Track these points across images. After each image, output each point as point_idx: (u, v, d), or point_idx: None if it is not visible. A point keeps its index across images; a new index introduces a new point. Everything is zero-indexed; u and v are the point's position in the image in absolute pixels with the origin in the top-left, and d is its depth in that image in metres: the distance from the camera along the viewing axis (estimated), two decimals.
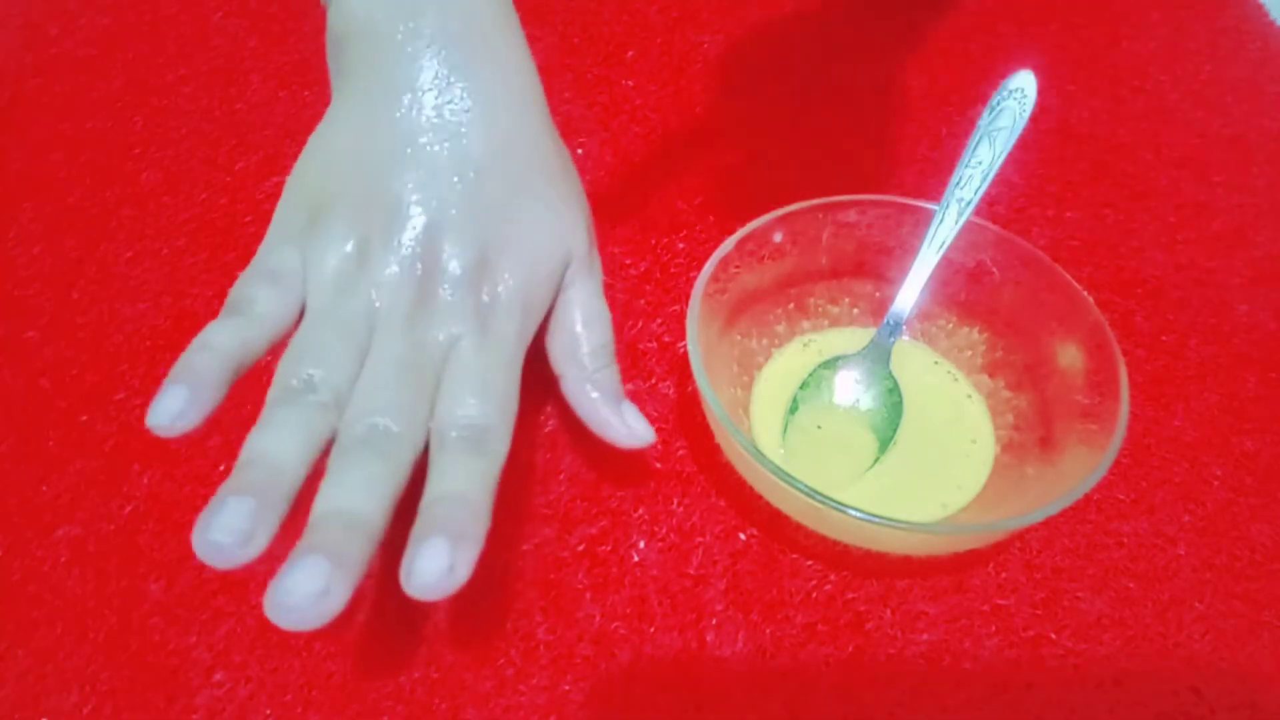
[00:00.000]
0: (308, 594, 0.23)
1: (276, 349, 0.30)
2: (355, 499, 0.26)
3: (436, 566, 0.24)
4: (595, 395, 0.33)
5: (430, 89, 0.32)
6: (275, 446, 0.26)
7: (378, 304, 0.30)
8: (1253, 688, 0.33)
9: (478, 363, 0.30)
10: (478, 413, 0.29)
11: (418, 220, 0.31)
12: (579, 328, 0.33)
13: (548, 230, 0.33)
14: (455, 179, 0.32)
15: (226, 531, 0.24)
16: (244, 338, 0.28)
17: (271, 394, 0.28)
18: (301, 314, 0.31)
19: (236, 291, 0.30)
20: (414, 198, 0.31)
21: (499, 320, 0.31)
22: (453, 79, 0.32)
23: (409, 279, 0.30)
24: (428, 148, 0.32)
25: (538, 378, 0.33)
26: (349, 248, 0.31)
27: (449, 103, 0.32)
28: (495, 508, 0.30)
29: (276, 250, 0.31)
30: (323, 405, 0.28)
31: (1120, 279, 0.45)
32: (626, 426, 0.32)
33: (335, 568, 0.24)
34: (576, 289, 0.34)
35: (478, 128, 0.32)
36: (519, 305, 0.32)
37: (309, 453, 0.27)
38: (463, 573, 0.25)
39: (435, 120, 0.32)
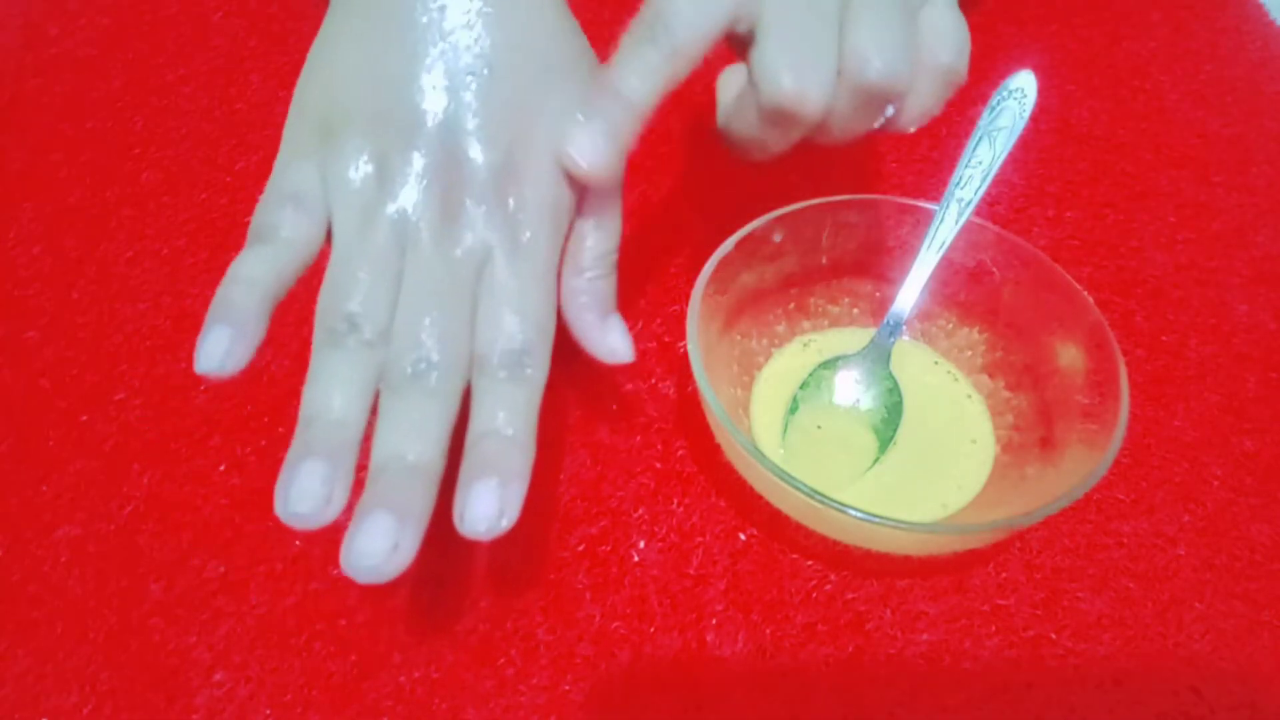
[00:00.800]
0: (379, 552, 0.24)
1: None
2: (411, 443, 0.26)
3: (488, 511, 0.25)
4: (584, 300, 0.32)
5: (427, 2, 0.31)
6: (332, 398, 0.27)
7: (404, 222, 0.29)
8: (1253, 688, 0.33)
9: (512, 281, 0.29)
10: (516, 337, 0.28)
11: (434, 129, 0.30)
12: (584, 229, 0.32)
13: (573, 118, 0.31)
14: (470, 80, 0.30)
15: (306, 500, 0.25)
16: (275, 267, 0.28)
17: (316, 338, 0.28)
18: (328, 235, 0.30)
19: (259, 218, 0.29)
20: (428, 106, 0.30)
21: (529, 228, 0.30)
22: None
23: (432, 193, 0.29)
24: (438, 51, 0.30)
25: None
26: (368, 167, 0.29)
27: (456, 2, 0.31)
28: None
29: (293, 171, 0.30)
30: (368, 344, 0.28)
31: (1120, 279, 0.45)
32: (606, 341, 0.31)
33: (400, 523, 0.25)
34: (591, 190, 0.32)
35: (489, 25, 0.31)
36: (548, 209, 0.30)
37: (364, 398, 0.27)
38: (514, 513, 0.26)
39: (443, 21, 0.31)
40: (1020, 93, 0.37)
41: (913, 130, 0.31)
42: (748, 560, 0.35)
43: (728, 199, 0.48)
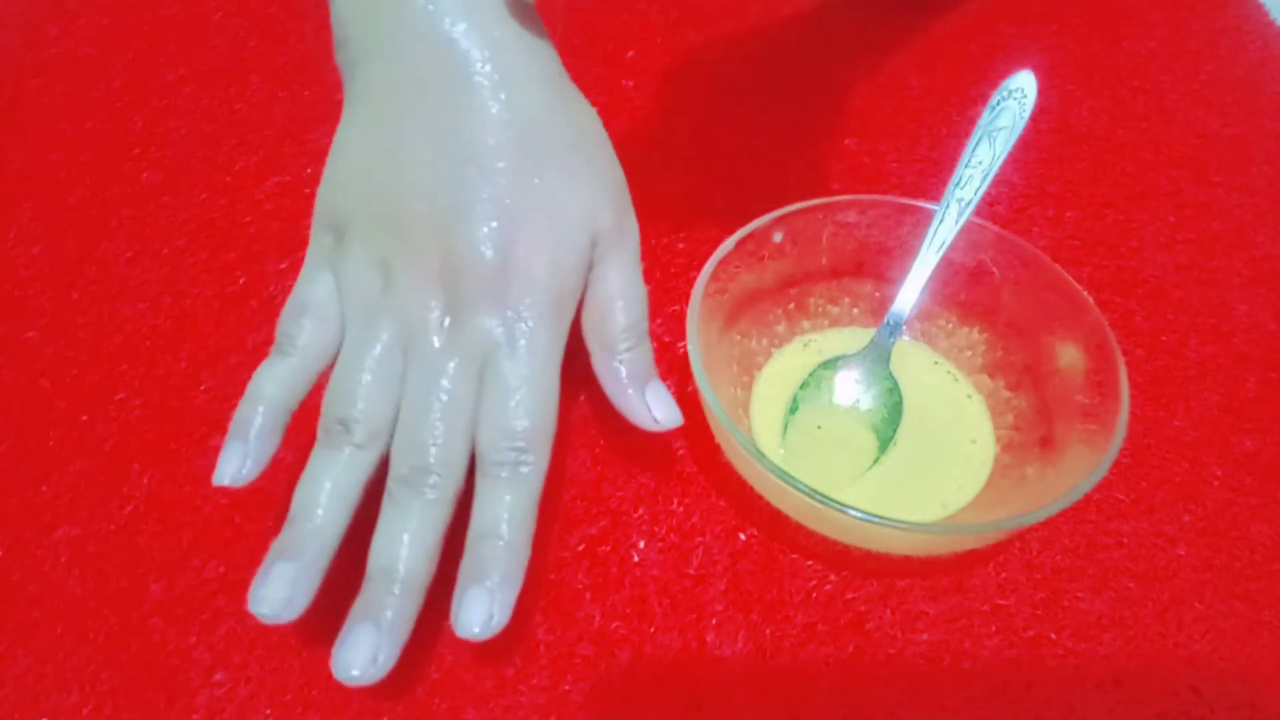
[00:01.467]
0: (360, 663, 0.27)
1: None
2: (401, 555, 0.28)
3: (480, 615, 0.28)
4: (622, 376, 0.32)
5: (425, 92, 0.31)
6: (316, 499, 0.29)
7: (407, 326, 0.30)
8: (1253, 688, 0.33)
9: (513, 380, 0.30)
10: (516, 438, 0.29)
11: (431, 232, 0.30)
12: (608, 305, 0.32)
13: (568, 210, 0.32)
14: (464, 180, 0.30)
15: (268, 603, 0.28)
16: (290, 381, 0.31)
17: (318, 438, 0.30)
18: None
19: (281, 326, 0.32)
20: (424, 209, 0.30)
21: (530, 323, 0.30)
22: (448, 76, 0.31)
23: (432, 296, 0.30)
24: (433, 152, 0.31)
25: None
26: (372, 273, 0.31)
27: (444, 103, 0.31)
28: None
29: (311, 279, 0.32)
30: (359, 446, 0.29)
31: (1120, 279, 0.45)
32: (648, 411, 0.32)
33: (382, 635, 0.28)
34: (607, 264, 0.33)
35: (479, 123, 0.31)
36: (549, 301, 0.31)
37: (348, 500, 0.29)
38: (503, 615, 0.28)
39: (435, 123, 0.31)
40: (1020, 93, 0.37)
41: None
42: (748, 560, 0.35)
43: (728, 199, 0.48)
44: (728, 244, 0.37)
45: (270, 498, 0.36)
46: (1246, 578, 0.35)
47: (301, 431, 0.31)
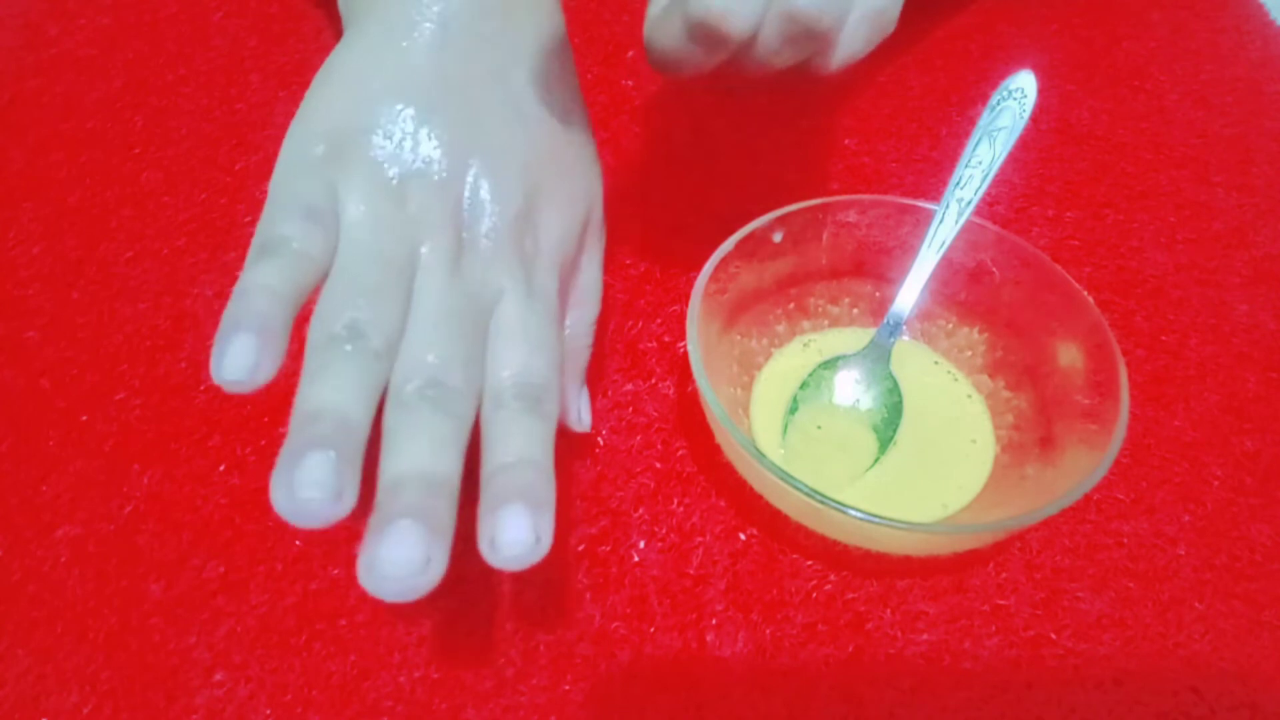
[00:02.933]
0: (410, 562, 0.22)
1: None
2: (429, 459, 0.25)
3: (523, 536, 0.24)
4: (569, 369, 0.32)
5: (464, 24, 0.30)
6: (337, 397, 0.25)
7: (420, 247, 0.28)
8: (1253, 688, 0.33)
9: (527, 319, 0.29)
10: (532, 372, 0.28)
11: (462, 162, 0.29)
12: (572, 296, 0.33)
13: (581, 184, 0.32)
14: (500, 128, 0.30)
15: (316, 487, 0.22)
16: (292, 277, 0.26)
17: (314, 338, 0.26)
18: None
19: (267, 230, 0.27)
20: (456, 140, 0.29)
21: (541, 274, 0.30)
22: (485, 18, 0.30)
23: (452, 224, 0.29)
24: (470, 86, 0.30)
25: None
26: (388, 184, 0.28)
27: (485, 40, 0.30)
28: None
29: (301, 183, 0.28)
30: (375, 353, 0.26)
31: (1120, 279, 0.45)
32: (575, 409, 0.32)
33: (431, 533, 0.23)
34: (585, 254, 0.33)
35: (520, 70, 0.31)
36: (558, 259, 0.31)
37: (371, 404, 0.25)
38: (547, 540, 0.24)
39: (475, 55, 0.30)
40: (1020, 93, 0.37)
41: (833, 71, 0.30)
42: (748, 560, 0.35)
43: (728, 199, 0.48)
44: (728, 244, 0.37)
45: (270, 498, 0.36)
46: (1246, 578, 0.35)
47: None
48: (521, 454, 0.26)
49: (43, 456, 0.37)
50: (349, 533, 0.35)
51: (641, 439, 0.38)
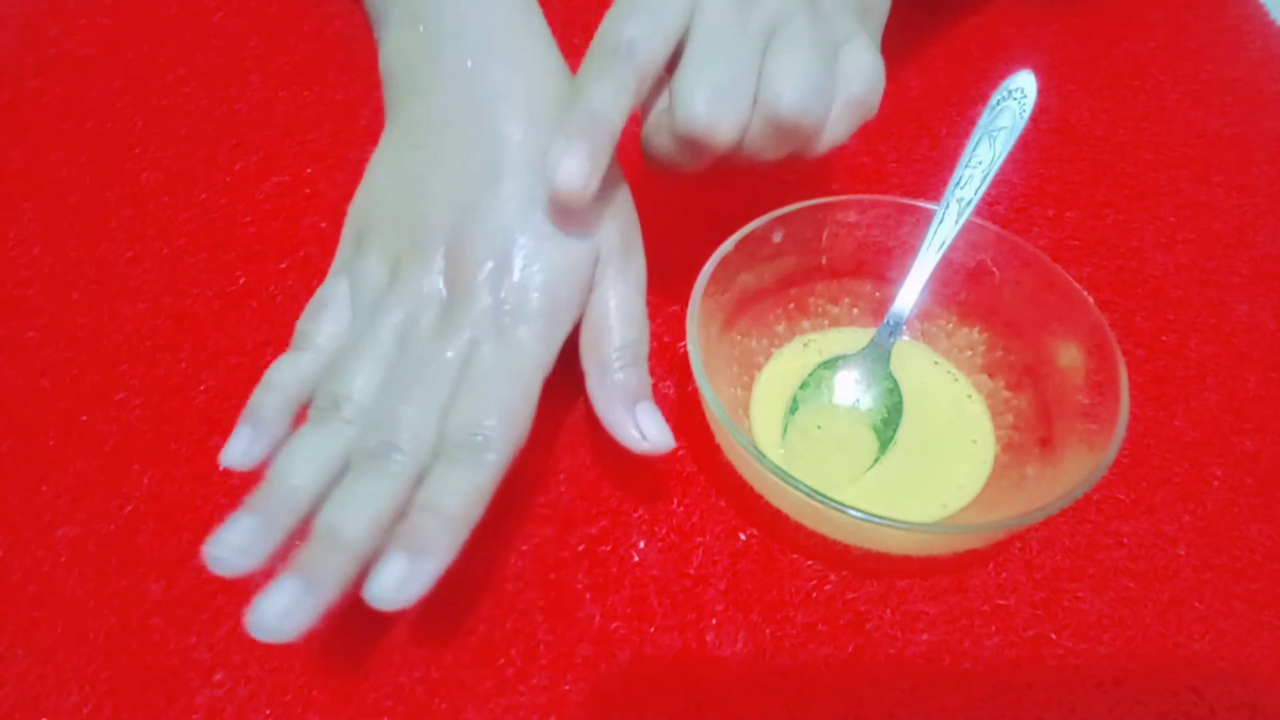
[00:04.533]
0: (274, 612, 0.26)
1: None
2: (346, 518, 0.28)
3: (391, 581, 0.27)
4: (611, 393, 0.33)
5: (455, 121, 0.34)
6: (292, 467, 0.29)
7: (407, 319, 0.32)
8: (1253, 688, 0.33)
9: (489, 371, 0.31)
10: (476, 424, 0.30)
11: (441, 234, 0.32)
12: (604, 324, 0.33)
13: (573, 229, 0.33)
14: (480, 195, 0.32)
15: (223, 547, 0.27)
16: (301, 372, 0.32)
17: (308, 416, 0.31)
18: None
19: (299, 326, 0.33)
20: (438, 213, 0.32)
21: (518, 324, 0.31)
22: (473, 100, 0.34)
23: (434, 291, 0.32)
24: (457, 170, 0.33)
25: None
26: (384, 269, 0.33)
27: (471, 129, 0.34)
28: (495, 507, 0.30)
29: (331, 283, 0.34)
30: (345, 422, 0.30)
31: (1120, 279, 0.45)
32: (639, 430, 0.32)
33: (306, 589, 0.27)
34: (607, 285, 0.34)
35: (500, 147, 0.33)
36: (543, 308, 0.32)
37: (326, 471, 0.29)
38: (417, 589, 0.27)
39: (462, 147, 0.33)
40: (1020, 93, 0.37)
41: (817, 156, 0.33)
42: (748, 560, 0.35)
43: (728, 199, 0.48)
44: (728, 244, 0.37)
45: None
46: (1246, 578, 0.35)
47: (305, 421, 0.31)
48: (438, 501, 0.29)
49: (43, 456, 0.37)
50: None
51: None
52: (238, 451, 0.30)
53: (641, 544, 0.35)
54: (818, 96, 0.30)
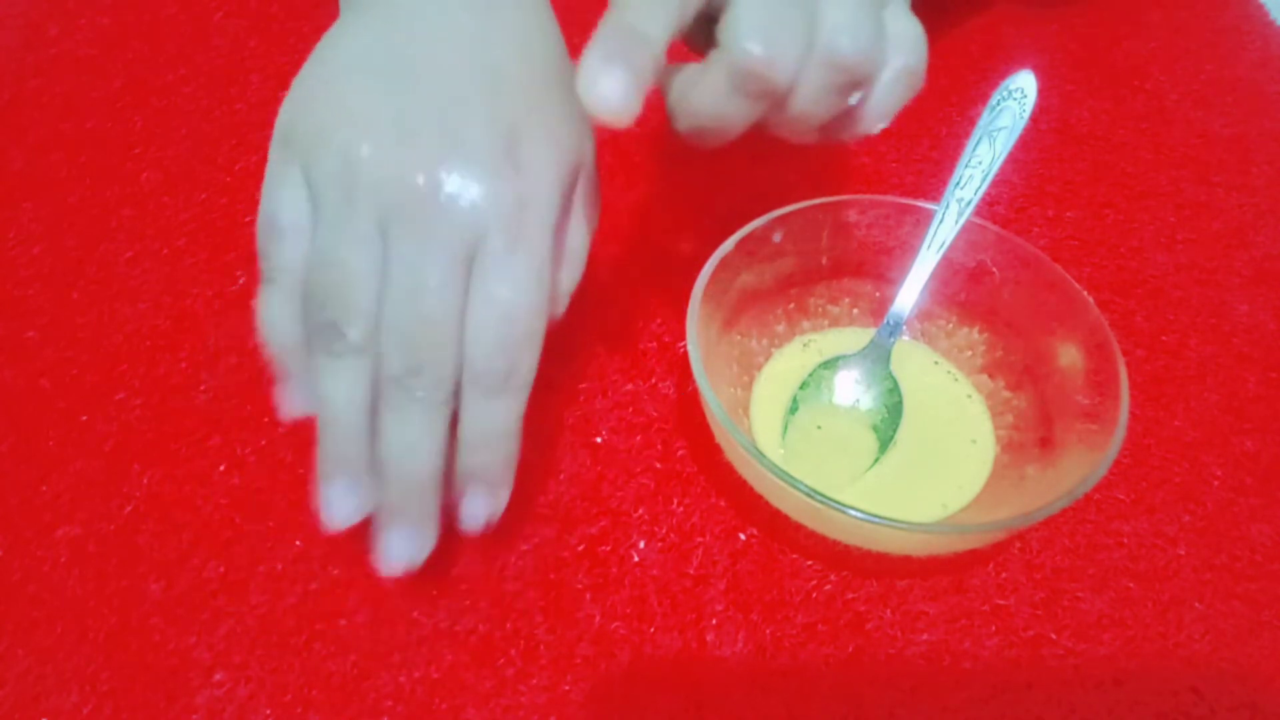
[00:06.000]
0: (406, 556, 0.29)
1: None
2: (410, 458, 0.29)
3: (480, 513, 0.30)
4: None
5: (436, 10, 0.31)
6: (339, 408, 0.28)
7: (387, 204, 0.27)
8: (1253, 688, 0.33)
9: (505, 284, 0.28)
10: (504, 350, 0.28)
11: (435, 113, 0.28)
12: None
13: (568, 139, 0.30)
14: (477, 79, 0.30)
15: (342, 514, 0.29)
16: (292, 304, 0.29)
17: (309, 336, 0.29)
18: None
19: (259, 247, 0.30)
20: (432, 97, 0.29)
21: (527, 216, 0.28)
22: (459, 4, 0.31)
23: (421, 166, 0.27)
24: (446, 51, 0.30)
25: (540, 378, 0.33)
26: (351, 154, 0.27)
27: (455, 19, 0.31)
28: None
29: (278, 179, 0.29)
30: (357, 348, 0.28)
31: (1120, 279, 0.45)
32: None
33: (416, 533, 0.29)
34: (572, 214, 0.31)
35: (498, 35, 0.31)
36: (548, 204, 0.29)
37: (364, 407, 0.29)
38: (499, 511, 0.30)
39: (443, 31, 0.30)
40: (1020, 93, 0.37)
41: (874, 130, 0.31)
42: (748, 560, 0.35)
43: (728, 199, 0.48)
44: (728, 244, 0.37)
45: (270, 498, 0.36)
46: (1246, 578, 0.35)
47: (305, 419, 0.31)
48: (487, 436, 0.29)
49: (43, 456, 0.37)
50: (349, 533, 0.35)
51: (641, 439, 0.38)
52: (300, 407, 0.30)
53: (641, 544, 0.35)
54: (875, 45, 0.28)
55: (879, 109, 0.30)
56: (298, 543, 0.35)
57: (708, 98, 0.29)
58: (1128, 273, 0.46)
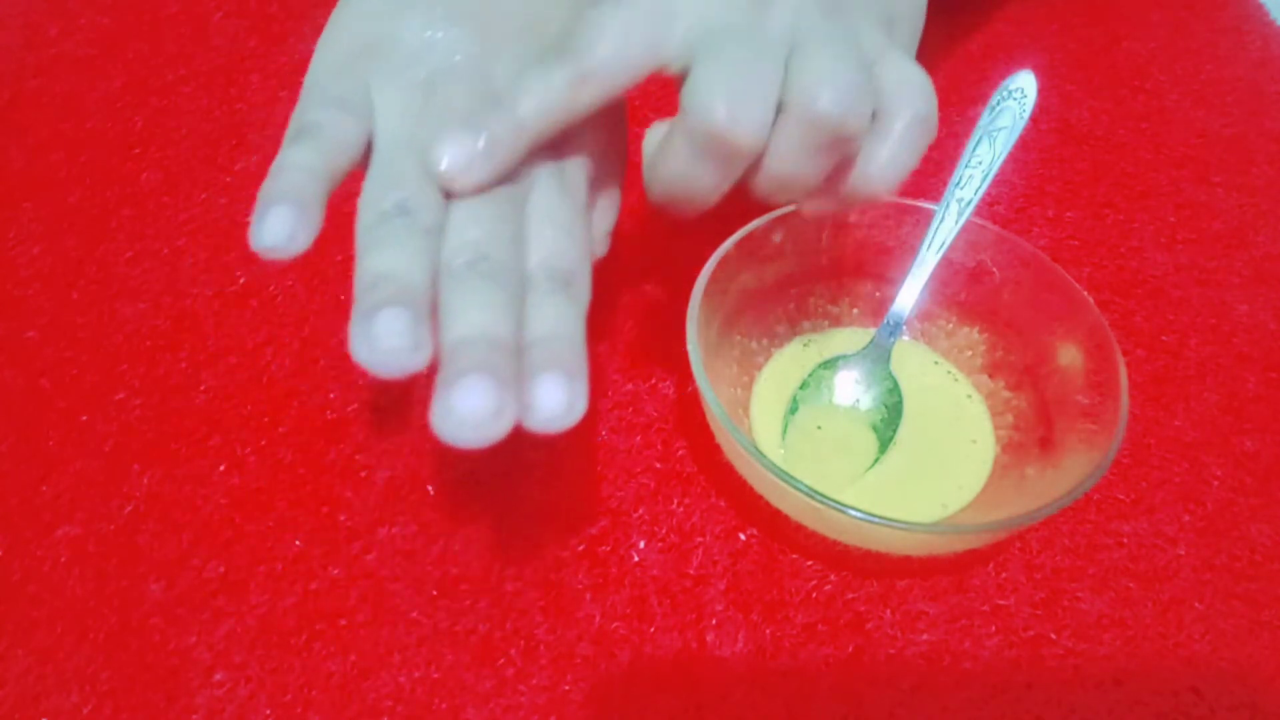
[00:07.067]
0: (482, 410, 0.22)
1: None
2: (488, 323, 0.24)
3: (558, 399, 0.24)
4: None
5: None
6: (397, 265, 0.25)
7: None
8: (1253, 688, 0.33)
9: (561, 209, 0.28)
10: (562, 256, 0.28)
11: (490, 54, 0.29)
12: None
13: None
14: (528, 13, 0.30)
15: (396, 336, 0.23)
16: (325, 158, 0.27)
17: (364, 219, 0.26)
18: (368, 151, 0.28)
19: (299, 117, 0.28)
20: (484, 32, 0.29)
21: (572, 168, 0.29)
22: None
23: (496, 88, 0.28)
24: None
25: None
26: (417, 77, 0.28)
27: None
28: (495, 507, 0.30)
29: (332, 78, 0.29)
30: (425, 229, 0.26)
31: (1120, 279, 0.45)
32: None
33: (500, 384, 0.23)
34: (610, 166, 0.32)
35: None
36: (592, 152, 0.30)
37: (428, 272, 0.25)
38: (581, 406, 0.24)
39: None
40: (1020, 93, 0.37)
41: (887, 190, 0.29)
42: (748, 560, 0.35)
43: (728, 199, 0.47)
44: (728, 244, 0.37)
45: (270, 498, 0.36)
46: (1246, 578, 0.35)
47: (306, 419, 0.31)
48: (553, 330, 0.25)
49: (43, 456, 0.37)
50: (349, 533, 0.35)
51: (641, 439, 0.38)
52: (283, 230, 0.24)
53: (641, 544, 0.35)
54: (860, 98, 0.26)
55: (892, 166, 0.28)
56: (298, 543, 0.35)
57: (672, 164, 0.28)
58: (1128, 273, 0.46)
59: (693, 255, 0.45)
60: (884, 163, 0.28)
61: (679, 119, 0.27)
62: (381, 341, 0.23)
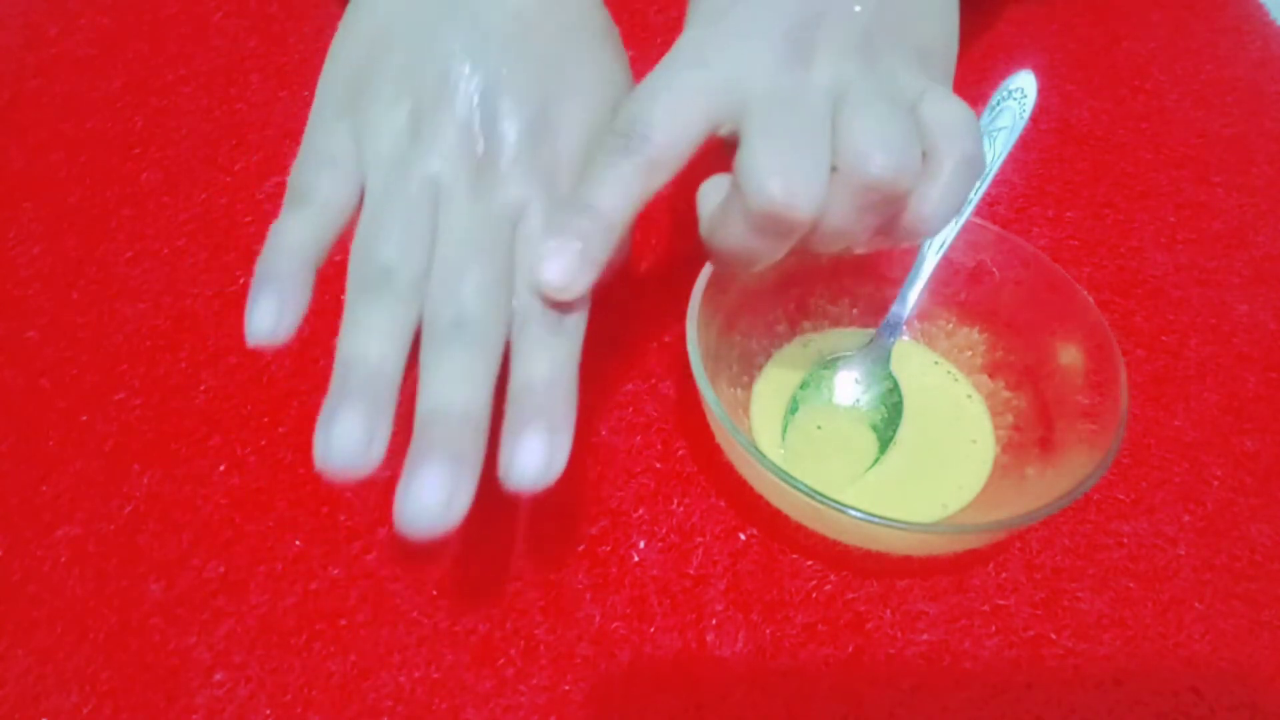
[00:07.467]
0: (436, 503, 0.24)
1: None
2: (457, 393, 0.25)
3: (536, 460, 0.25)
4: None
5: None
6: (368, 347, 0.26)
7: (438, 177, 0.28)
8: (1253, 688, 0.33)
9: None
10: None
11: (470, 83, 0.29)
12: None
13: (605, 82, 0.31)
14: (503, 36, 0.30)
15: (348, 446, 0.24)
16: (315, 231, 0.28)
17: (351, 287, 0.27)
18: (362, 195, 0.29)
19: (296, 179, 0.29)
20: (462, 60, 0.29)
21: (566, 181, 0.29)
22: None
23: (467, 146, 0.29)
24: (471, 7, 0.30)
25: None
26: (400, 121, 0.29)
27: None
28: (495, 507, 0.30)
29: (326, 131, 0.30)
30: (403, 295, 0.27)
31: (1120, 279, 0.45)
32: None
33: (456, 470, 0.24)
34: None
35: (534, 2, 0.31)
36: (585, 162, 0.30)
37: (402, 347, 0.26)
38: (560, 463, 0.25)
39: None
40: (1020, 93, 0.37)
41: (938, 230, 0.29)
42: (748, 560, 0.35)
43: None
44: None
45: (270, 498, 0.36)
46: (1246, 578, 0.35)
47: (306, 419, 0.31)
48: (542, 375, 0.26)
49: (43, 456, 0.37)
50: (348, 533, 0.35)
51: (641, 439, 0.38)
52: (267, 322, 0.26)
53: (641, 544, 0.35)
54: (910, 155, 0.27)
55: (943, 206, 0.28)
56: (298, 543, 0.35)
57: (731, 238, 0.29)
58: (1128, 273, 0.46)
59: (693, 255, 0.45)
60: (935, 204, 0.28)
61: (734, 194, 0.28)
62: (335, 453, 0.24)
